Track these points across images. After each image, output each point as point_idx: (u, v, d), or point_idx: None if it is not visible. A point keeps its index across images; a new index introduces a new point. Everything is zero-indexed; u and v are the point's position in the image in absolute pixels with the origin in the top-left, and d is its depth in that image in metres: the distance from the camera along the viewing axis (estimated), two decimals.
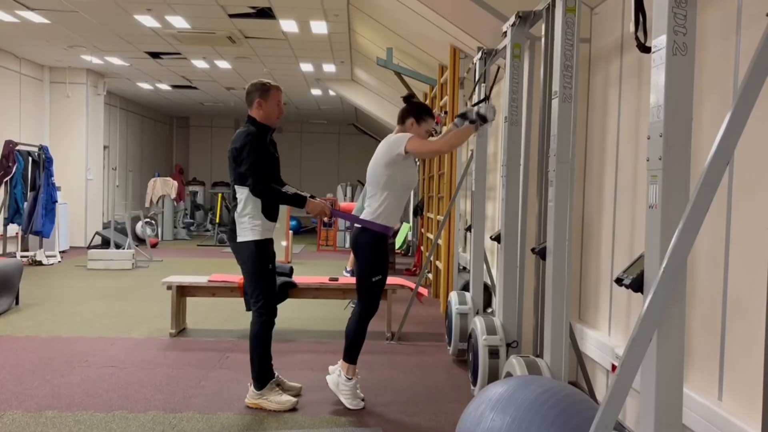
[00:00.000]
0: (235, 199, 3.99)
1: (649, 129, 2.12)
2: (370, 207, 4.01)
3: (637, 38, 2.19)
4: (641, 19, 2.20)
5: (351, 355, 4.01)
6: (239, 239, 3.96)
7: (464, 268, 7.13)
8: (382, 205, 3.95)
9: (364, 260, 4.02)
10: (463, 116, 4.06)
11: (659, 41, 2.07)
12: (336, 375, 4.07)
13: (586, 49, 4.34)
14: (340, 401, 4.02)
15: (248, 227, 3.93)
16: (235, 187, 3.96)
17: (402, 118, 4.08)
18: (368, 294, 4.02)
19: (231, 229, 4.03)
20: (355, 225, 4.10)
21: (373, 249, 3.99)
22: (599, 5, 4.21)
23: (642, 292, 2.13)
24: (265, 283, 3.98)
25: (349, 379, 4.00)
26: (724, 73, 2.72)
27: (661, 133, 2.04)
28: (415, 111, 4.05)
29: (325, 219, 3.62)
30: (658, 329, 2.01)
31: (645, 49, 2.17)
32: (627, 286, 2.18)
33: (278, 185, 4.02)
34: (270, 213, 3.98)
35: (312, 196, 4.08)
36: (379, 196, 3.97)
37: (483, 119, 3.96)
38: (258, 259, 3.95)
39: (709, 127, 2.79)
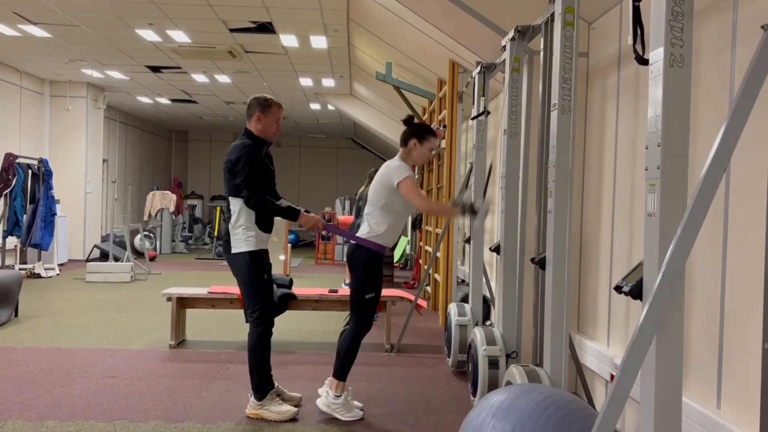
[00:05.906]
0: (229, 210, 4.02)
1: (647, 139, 2.16)
2: (367, 225, 4.03)
3: (635, 50, 2.24)
4: (639, 32, 2.25)
5: (342, 373, 4.00)
6: (233, 250, 3.99)
7: (463, 281, 7.14)
8: (379, 224, 3.99)
9: (357, 276, 4.02)
10: (461, 203, 4.13)
11: (657, 53, 2.12)
12: (324, 396, 4.04)
13: (584, 63, 4.41)
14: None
15: (242, 238, 3.96)
16: (230, 198, 3.99)
17: (405, 140, 4.12)
18: (361, 311, 4.02)
19: (225, 240, 4.05)
20: (351, 241, 4.12)
21: (367, 266, 3.99)
22: (597, 20, 4.28)
23: (641, 299, 2.16)
24: (260, 294, 3.99)
25: (338, 396, 3.98)
26: (721, 84, 2.77)
27: (659, 143, 2.09)
28: (417, 132, 4.10)
29: (323, 233, 3.59)
30: (657, 334, 2.04)
31: (643, 61, 2.21)
32: (626, 293, 2.22)
33: (273, 198, 4.04)
34: (264, 224, 4.00)
35: (307, 211, 4.10)
36: (377, 216, 4.00)
37: (472, 211, 3.98)
38: (253, 269, 3.96)
39: (705, 137, 2.83)
